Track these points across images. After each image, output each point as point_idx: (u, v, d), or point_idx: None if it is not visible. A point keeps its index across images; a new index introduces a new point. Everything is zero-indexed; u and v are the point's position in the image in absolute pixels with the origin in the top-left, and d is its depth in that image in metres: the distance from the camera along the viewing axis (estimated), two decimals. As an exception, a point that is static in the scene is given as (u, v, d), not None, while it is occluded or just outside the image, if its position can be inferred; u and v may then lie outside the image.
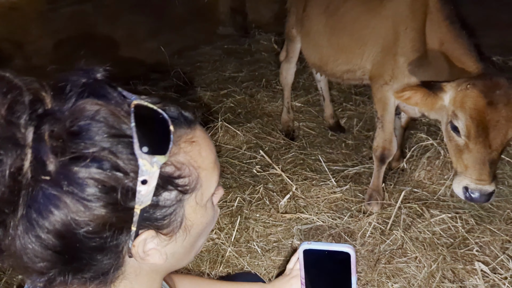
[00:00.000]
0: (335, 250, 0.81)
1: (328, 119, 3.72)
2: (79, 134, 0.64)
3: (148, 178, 0.66)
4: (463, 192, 2.00)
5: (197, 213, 0.77)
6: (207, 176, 0.76)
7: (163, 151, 0.67)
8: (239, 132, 3.49)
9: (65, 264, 0.68)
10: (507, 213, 2.62)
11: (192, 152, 0.73)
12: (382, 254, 2.40)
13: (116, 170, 0.65)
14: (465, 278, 2.21)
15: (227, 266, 2.37)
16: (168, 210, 0.72)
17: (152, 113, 0.69)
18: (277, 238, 2.54)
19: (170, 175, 0.70)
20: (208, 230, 0.84)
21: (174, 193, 0.71)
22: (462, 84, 1.99)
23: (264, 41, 5.37)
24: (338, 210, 2.74)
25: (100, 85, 0.70)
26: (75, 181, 0.63)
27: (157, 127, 0.69)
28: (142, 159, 0.65)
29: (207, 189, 0.77)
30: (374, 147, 2.74)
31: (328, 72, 3.06)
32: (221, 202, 2.80)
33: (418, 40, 2.37)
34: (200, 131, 0.77)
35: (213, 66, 4.86)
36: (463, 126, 1.97)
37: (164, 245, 0.75)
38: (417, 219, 2.60)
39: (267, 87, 4.36)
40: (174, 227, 0.74)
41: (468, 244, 2.41)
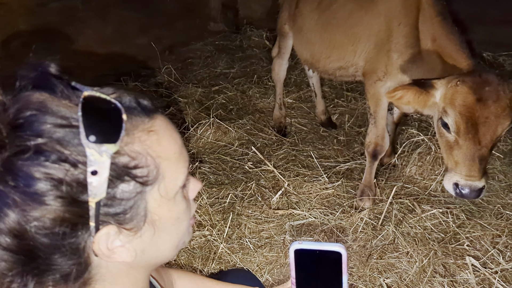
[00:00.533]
0: (326, 250, 0.79)
1: (319, 115, 3.72)
2: (22, 126, 0.62)
3: (98, 169, 0.63)
4: (454, 188, 2.01)
5: (162, 206, 0.73)
6: (169, 166, 0.73)
7: (113, 140, 0.65)
8: (231, 128, 3.47)
9: (23, 265, 0.66)
10: (497, 208, 2.64)
11: (150, 141, 0.70)
12: (374, 249, 2.41)
13: (64, 161, 0.62)
14: (456, 273, 2.23)
15: (219, 263, 2.36)
16: (128, 203, 0.68)
17: (103, 103, 0.67)
18: (270, 234, 2.54)
19: (125, 165, 0.67)
20: (183, 225, 0.80)
21: (132, 185, 0.68)
22: (452, 81, 2.00)
23: (256, 37, 5.35)
24: (330, 206, 2.75)
25: (45, 78, 0.68)
26: (20, 175, 0.61)
27: (107, 117, 0.66)
28: (90, 148, 0.63)
29: (172, 181, 0.73)
30: (367, 143, 2.75)
31: (321, 69, 3.06)
32: (213, 198, 2.79)
33: (412, 35, 2.38)
34: (161, 121, 0.74)
35: (204, 62, 4.83)
36: (453, 122, 1.98)
37: (130, 241, 0.72)
38: (409, 215, 2.61)
39: (259, 83, 4.35)
40: (138, 222, 0.71)
41: (459, 239, 2.43)
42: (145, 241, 0.74)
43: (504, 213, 2.61)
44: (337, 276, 0.81)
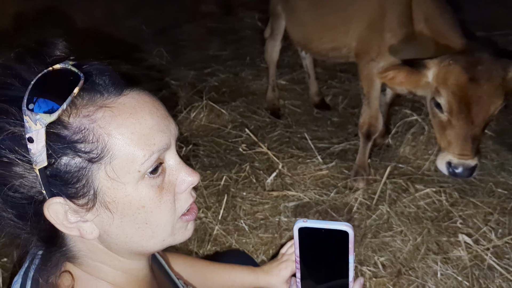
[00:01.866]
0: (333, 229, 0.76)
1: (313, 97, 3.71)
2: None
3: (33, 136, 0.65)
4: (447, 167, 2.03)
5: (116, 189, 0.70)
6: (123, 147, 0.69)
7: (50, 111, 0.65)
8: (224, 111, 3.45)
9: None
10: (489, 186, 2.66)
11: (101, 116, 0.68)
12: (368, 229, 2.43)
13: (8, 124, 0.66)
14: (449, 250, 2.26)
15: (215, 244, 2.37)
16: (73, 177, 0.69)
17: (63, 74, 0.68)
18: (264, 215, 2.55)
19: (67, 137, 0.67)
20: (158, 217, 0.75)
21: (76, 159, 0.68)
22: (445, 60, 1.99)
23: (248, 19, 5.28)
24: (325, 186, 2.75)
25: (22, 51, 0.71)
26: None
27: (56, 87, 0.67)
28: (25, 115, 0.65)
29: (125, 163, 0.69)
30: (360, 123, 2.74)
31: (313, 50, 3.03)
32: (208, 181, 2.79)
33: (405, 15, 2.35)
34: (131, 99, 0.72)
35: (196, 44, 4.77)
36: (445, 102, 1.98)
37: (84, 216, 0.72)
38: (402, 194, 2.63)
39: (252, 65, 4.31)
40: (89, 199, 0.71)
41: (452, 217, 2.45)
42: (104, 223, 0.73)
43: (496, 191, 2.64)
44: (343, 256, 0.78)
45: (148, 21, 4.72)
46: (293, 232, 0.78)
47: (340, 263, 0.80)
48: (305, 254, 0.81)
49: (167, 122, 0.75)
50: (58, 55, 0.73)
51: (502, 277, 2.11)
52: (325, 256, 0.81)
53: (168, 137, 0.74)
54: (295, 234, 0.78)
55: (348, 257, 0.79)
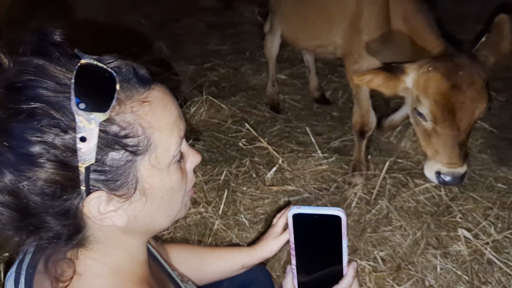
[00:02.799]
0: (326, 214, 0.78)
1: (313, 92, 3.70)
2: (19, 90, 0.65)
3: (86, 136, 0.65)
4: (436, 177, 1.97)
5: (155, 176, 0.76)
6: (162, 137, 0.74)
7: (103, 109, 0.67)
8: (224, 106, 3.45)
9: (18, 221, 0.69)
10: (489, 181, 2.67)
11: (143, 111, 0.72)
12: (367, 223, 2.43)
13: (55, 126, 0.65)
14: (449, 245, 2.27)
15: (215, 239, 2.38)
16: (118, 171, 0.71)
17: (98, 71, 0.69)
18: (265, 210, 2.56)
19: (116, 134, 0.69)
20: (177, 196, 0.82)
21: (122, 153, 0.70)
22: (424, 66, 1.91)
23: (247, 13, 5.26)
24: (324, 181, 2.76)
25: (44, 44, 0.69)
26: (14, 137, 0.64)
27: (99, 85, 0.68)
28: (78, 115, 0.65)
29: (164, 152, 0.75)
30: (353, 123, 2.75)
31: (301, 46, 3.03)
32: (208, 176, 2.79)
33: (382, 15, 2.30)
34: (158, 91, 0.76)
35: (195, 39, 4.76)
36: (428, 112, 1.90)
37: (120, 206, 0.74)
38: (402, 189, 2.64)
39: (251, 60, 4.30)
40: (129, 189, 0.73)
41: (452, 212, 2.46)
42: (137, 208, 0.77)
43: (496, 186, 2.64)
44: (336, 240, 0.81)
45: (148, 15, 4.71)
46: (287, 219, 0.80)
47: (334, 248, 0.82)
48: (299, 240, 0.82)
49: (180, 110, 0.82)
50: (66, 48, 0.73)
51: (501, 271, 2.12)
52: (319, 241, 0.83)
53: (184, 122, 0.81)
54: (289, 221, 0.80)
55: (342, 242, 0.80)
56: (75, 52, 0.73)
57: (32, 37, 0.70)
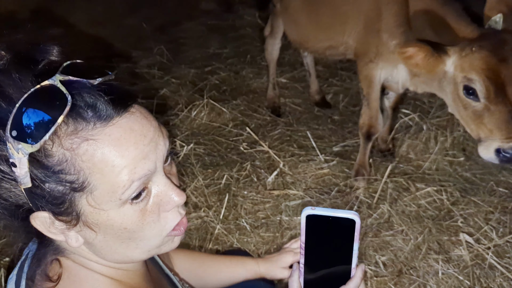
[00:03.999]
0: (340, 217, 0.78)
1: (314, 95, 3.71)
2: None
3: (16, 162, 0.66)
4: (496, 155, 1.95)
5: (99, 214, 0.72)
6: (104, 179, 0.69)
7: (33, 141, 0.64)
8: (224, 109, 3.45)
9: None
10: (490, 185, 2.67)
11: (84, 150, 0.67)
12: (369, 227, 2.43)
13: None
14: (451, 249, 2.26)
15: (216, 244, 2.37)
16: (58, 200, 0.70)
17: (50, 98, 0.65)
18: (266, 214, 2.55)
19: (50, 167, 0.67)
20: (141, 235, 0.75)
21: (60, 186, 0.69)
22: (465, 48, 1.94)
23: (248, 16, 5.27)
24: (326, 185, 2.76)
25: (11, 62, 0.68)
26: None
27: (41, 115, 0.65)
28: (8, 142, 0.65)
29: (108, 194, 0.70)
30: (360, 124, 2.73)
31: (310, 49, 3.02)
32: (209, 180, 2.79)
33: (402, 13, 2.33)
34: (119, 128, 0.69)
35: (196, 42, 4.76)
36: (481, 88, 1.91)
37: (68, 230, 0.74)
38: (403, 193, 2.63)
39: (252, 63, 4.30)
40: (72, 218, 0.73)
41: (453, 216, 2.46)
42: (88, 237, 0.76)
43: (497, 190, 2.64)
44: (348, 243, 0.80)
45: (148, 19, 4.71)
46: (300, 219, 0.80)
47: (345, 250, 0.82)
48: (310, 240, 0.82)
49: (154, 145, 0.73)
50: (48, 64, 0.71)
51: (503, 276, 2.11)
52: (330, 242, 0.82)
53: (154, 161, 0.73)
54: (302, 221, 0.80)
55: (353, 245, 0.80)
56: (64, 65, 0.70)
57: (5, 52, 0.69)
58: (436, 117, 3.27)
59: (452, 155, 2.93)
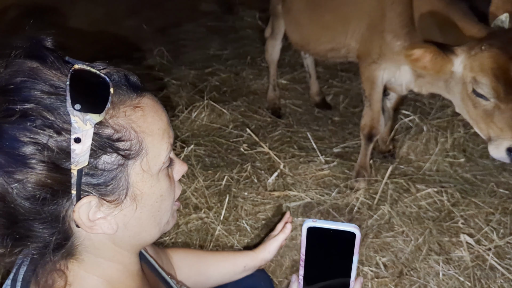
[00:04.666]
0: (341, 230, 0.79)
1: (314, 96, 3.71)
2: (12, 91, 0.64)
3: (81, 136, 0.65)
4: (507, 154, 1.94)
5: (145, 182, 0.75)
6: (153, 142, 0.75)
7: (98, 110, 0.67)
8: (225, 110, 3.45)
9: (4, 228, 0.67)
10: (491, 186, 2.67)
11: (135, 116, 0.72)
12: (369, 229, 2.43)
13: (49, 127, 0.64)
14: (451, 250, 2.26)
15: (216, 245, 2.37)
16: (110, 175, 0.71)
17: (92, 75, 0.70)
18: (266, 215, 2.55)
19: (109, 136, 0.69)
20: (166, 204, 0.81)
21: (115, 157, 0.70)
22: (474, 48, 1.93)
23: (248, 17, 5.28)
24: (326, 186, 2.76)
25: (38, 48, 0.69)
26: (5, 137, 0.63)
27: (94, 88, 0.68)
28: (74, 116, 0.65)
29: (155, 157, 0.75)
30: (362, 125, 2.73)
31: (311, 51, 3.01)
32: (209, 181, 2.79)
33: (406, 14, 2.33)
34: (148, 99, 0.77)
35: (196, 44, 4.77)
36: (490, 89, 1.90)
37: (110, 213, 0.74)
38: (404, 194, 2.63)
39: (253, 64, 4.31)
40: (120, 195, 0.73)
41: (454, 217, 2.46)
42: (127, 215, 0.76)
43: (498, 191, 2.64)
44: (348, 256, 0.82)
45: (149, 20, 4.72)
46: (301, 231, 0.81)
47: (344, 263, 0.83)
48: (310, 252, 0.84)
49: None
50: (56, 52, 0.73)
51: (504, 277, 2.11)
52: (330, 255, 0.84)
53: (173, 131, 0.82)
54: (303, 233, 0.82)
55: (353, 257, 0.82)
56: (67, 59, 0.73)
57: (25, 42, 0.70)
58: (436, 118, 3.27)
59: (453, 156, 2.93)
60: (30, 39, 0.70)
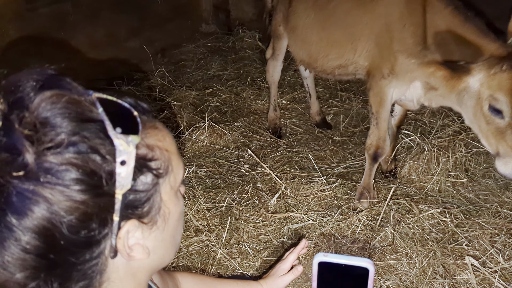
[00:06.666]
0: (353, 265, 0.77)
1: (314, 116, 3.71)
2: (47, 123, 0.62)
3: (126, 159, 0.65)
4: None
5: (171, 200, 0.77)
6: (175, 160, 0.77)
7: (136, 131, 0.68)
8: (226, 131, 3.45)
9: (49, 270, 0.64)
10: (494, 207, 2.64)
11: (158, 136, 0.74)
12: (372, 251, 2.40)
13: (94, 152, 0.63)
14: (456, 273, 2.23)
15: (218, 268, 2.34)
16: (146, 195, 0.71)
17: (112, 102, 0.70)
18: (268, 238, 2.52)
19: (144, 157, 0.70)
20: (182, 223, 0.84)
21: (149, 177, 0.71)
22: (494, 66, 1.96)
23: (248, 38, 5.32)
24: (328, 208, 2.73)
25: (58, 78, 0.69)
26: (54, 169, 0.61)
27: (122, 113, 0.70)
28: (118, 139, 0.65)
29: (177, 175, 0.78)
30: (368, 145, 2.71)
31: (318, 69, 3.01)
32: (210, 203, 2.77)
33: (419, 34, 2.35)
34: (159, 122, 0.79)
35: (197, 64, 4.80)
36: (508, 108, 1.94)
37: (145, 236, 0.73)
38: (406, 215, 2.61)
39: (253, 85, 4.33)
40: (154, 215, 0.73)
41: (458, 239, 2.43)
42: (157, 237, 0.76)
43: (502, 211, 2.62)
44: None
45: (149, 41, 4.75)
46: (312, 265, 0.79)
47: None
48: (321, 287, 0.81)
49: None
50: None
51: (511, 300, 2.08)
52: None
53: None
54: (314, 267, 0.79)
55: None
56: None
57: (38, 73, 0.68)
58: (437, 137, 3.27)
59: (455, 176, 2.92)
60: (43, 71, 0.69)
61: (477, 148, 3.10)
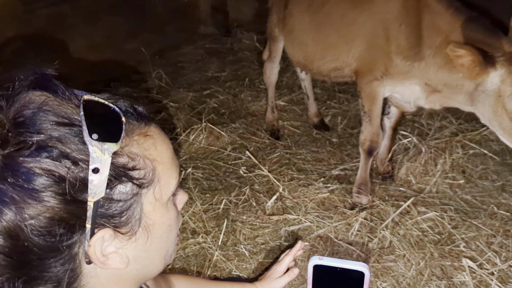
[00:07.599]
0: (349, 269, 0.77)
1: (312, 118, 3.71)
2: (24, 124, 0.62)
3: (99, 166, 0.64)
4: None
5: (157, 211, 0.74)
6: (164, 170, 0.74)
7: (114, 139, 0.66)
8: (223, 133, 3.45)
9: (14, 269, 0.64)
10: (491, 208, 2.64)
11: (147, 144, 0.72)
12: (370, 253, 2.39)
13: (65, 158, 0.62)
14: (453, 275, 2.22)
15: (214, 270, 2.33)
16: (125, 205, 0.69)
17: (102, 106, 0.69)
18: (265, 240, 2.52)
19: (124, 166, 0.68)
20: (172, 235, 0.80)
21: (129, 186, 0.69)
22: None
23: (246, 40, 5.33)
24: (326, 209, 2.73)
25: (47, 79, 0.68)
26: (21, 171, 0.60)
27: (107, 118, 0.68)
28: (92, 145, 0.63)
29: (166, 186, 0.75)
30: (362, 140, 2.72)
31: (314, 71, 3.01)
32: (207, 204, 2.76)
33: (414, 36, 2.35)
34: (155, 127, 0.76)
35: (195, 66, 4.80)
36: None
37: (124, 245, 0.71)
38: (404, 217, 2.60)
39: (251, 86, 4.33)
40: (133, 225, 0.71)
41: (455, 240, 2.42)
42: (137, 248, 0.74)
43: (498, 213, 2.61)
44: None
45: (147, 43, 4.76)
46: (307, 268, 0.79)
47: None
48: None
49: None
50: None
51: (508, 302, 2.07)
52: None
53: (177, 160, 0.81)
54: (309, 270, 0.79)
55: None
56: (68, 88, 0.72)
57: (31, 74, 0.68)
58: (434, 139, 3.27)
59: (452, 177, 2.92)
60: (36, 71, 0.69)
61: (474, 149, 3.10)
